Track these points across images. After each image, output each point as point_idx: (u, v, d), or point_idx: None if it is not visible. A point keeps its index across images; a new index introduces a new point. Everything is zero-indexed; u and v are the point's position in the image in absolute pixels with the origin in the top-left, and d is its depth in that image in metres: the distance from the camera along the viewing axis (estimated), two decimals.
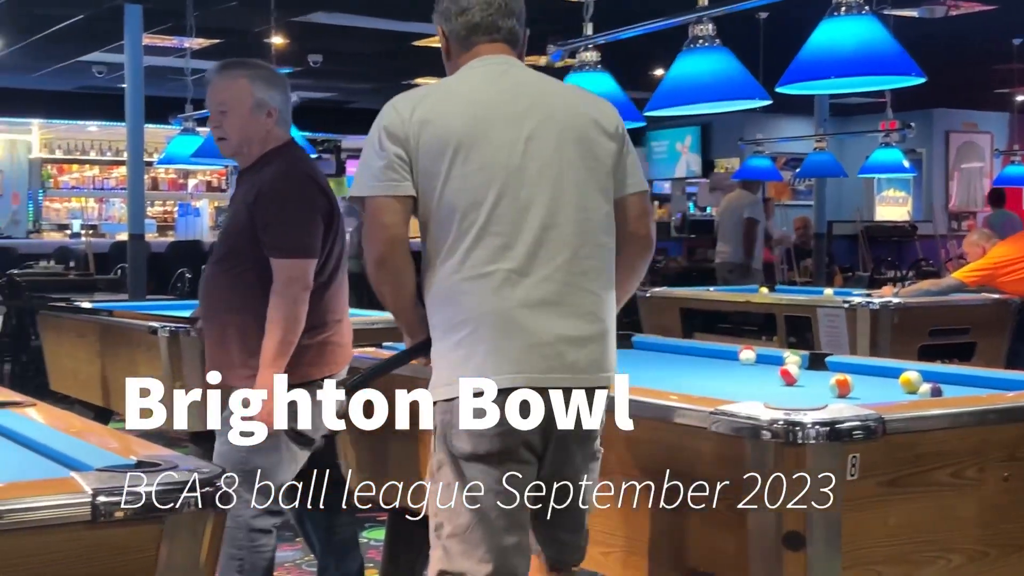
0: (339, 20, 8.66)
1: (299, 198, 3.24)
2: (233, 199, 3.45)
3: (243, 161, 3.38)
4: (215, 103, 3.33)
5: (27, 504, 1.73)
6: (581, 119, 2.55)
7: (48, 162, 14.70)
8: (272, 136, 3.33)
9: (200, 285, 3.53)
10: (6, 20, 8.47)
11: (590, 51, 4.32)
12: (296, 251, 3.18)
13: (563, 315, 2.44)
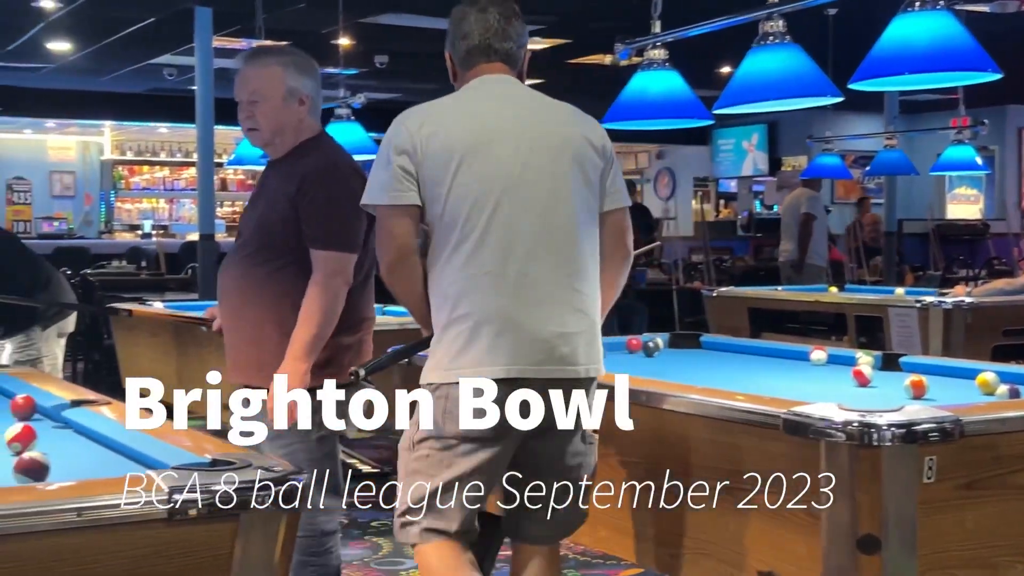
0: (405, 21, 8.70)
1: (346, 191, 3.09)
2: (262, 191, 3.28)
3: (274, 152, 3.26)
4: (246, 92, 3.20)
5: (105, 502, 1.75)
6: (574, 135, 2.80)
7: (119, 163, 14.95)
8: (305, 125, 3.23)
9: (223, 281, 3.28)
10: (79, 24, 8.62)
11: (658, 49, 4.29)
12: (341, 244, 3.08)
13: (555, 313, 2.66)
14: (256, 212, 3.24)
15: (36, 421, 2.55)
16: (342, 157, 3.24)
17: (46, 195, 14.59)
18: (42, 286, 4.92)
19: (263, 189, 3.29)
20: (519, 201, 2.66)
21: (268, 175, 3.28)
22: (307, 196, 3.08)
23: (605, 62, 10.42)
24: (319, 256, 3.06)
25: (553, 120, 2.80)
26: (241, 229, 3.29)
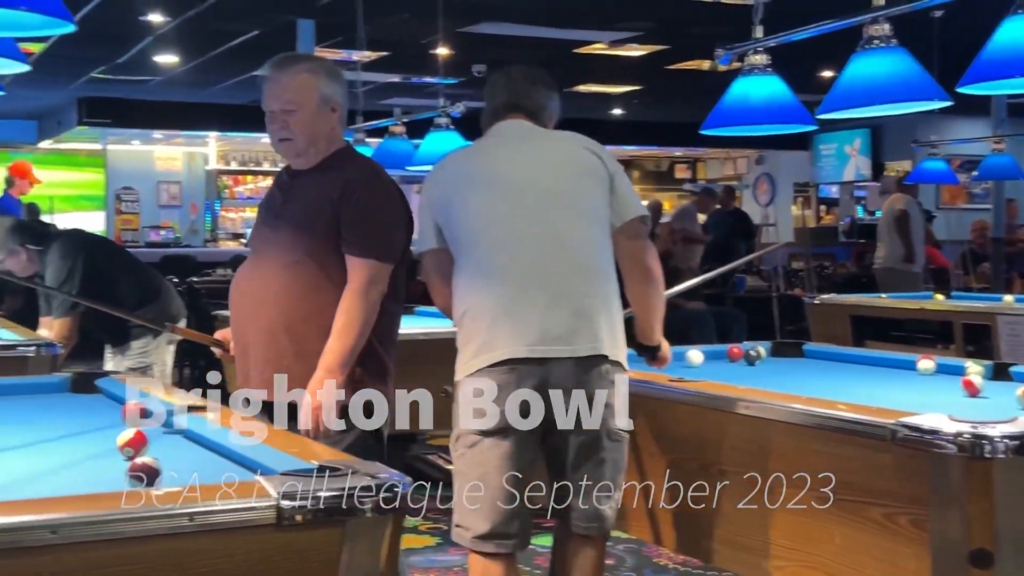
0: (503, 30, 8.74)
1: (390, 201, 3.10)
2: (291, 201, 3.14)
3: (306, 162, 3.15)
4: (281, 102, 3.09)
5: (216, 507, 1.78)
6: (577, 159, 3.10)
7: (224, 173, 15.27)
8: (336, 134, 3.17)
9: (254, 294, 3.12)
10: (185, 38, 8.83)
11: (759, 54, 4.24)
12: (382, 253, 3.03)
13: (553, 305, 2.94)
14: (292, 222, 3.11)
15: (147, 426, 2.60)
16: (383, 170, 3.19)
17: (153, 205, 14.96)
18: (152, 296, 5.04)
19: (292, 199, 3.15)
20: (521, 212, 3.01)
21: (294, 185, 3.17)
22: (351, 201, 3.03)
23: (703, 67, 10.35)
24: (357, 264, 3.00)
25: (559, 148, 3.15)
26: (266, 240, 3.17)
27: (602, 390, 2.97)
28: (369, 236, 3.01)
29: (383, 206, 3.07)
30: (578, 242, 3.02)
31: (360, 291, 2.98)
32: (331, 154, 3.15)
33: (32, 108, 12.96)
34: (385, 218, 3.06)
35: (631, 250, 3.09)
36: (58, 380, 3.41)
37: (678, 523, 3.35)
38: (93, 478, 2.15)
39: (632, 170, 18.10)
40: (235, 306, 3.21)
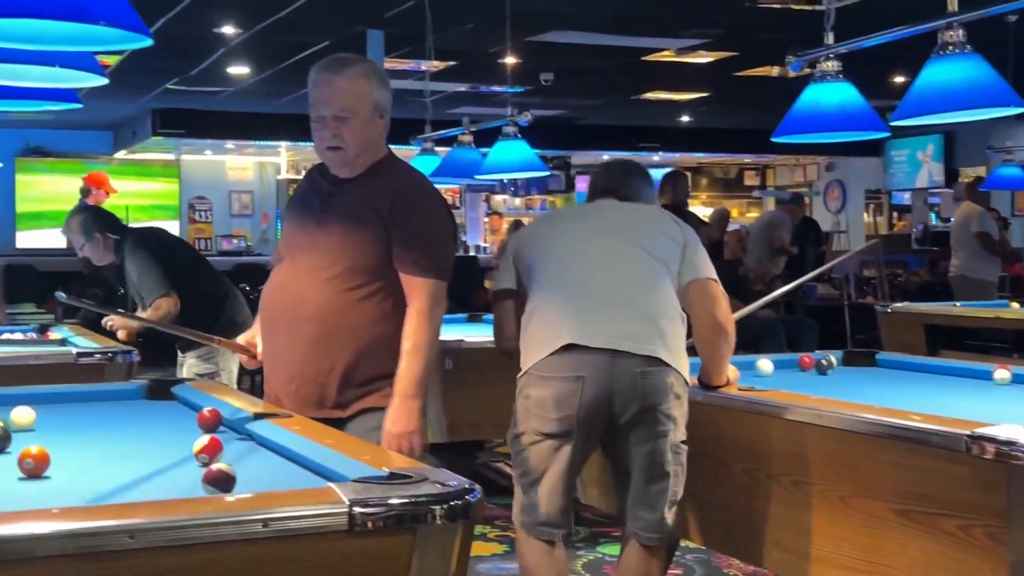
0: (571, 38, 8.74)
1: (442, 216, 3.03)
2: (331, 209, 3.02)
3: (351, 171, 3.03)
4: (335, 107, 2.94)
5: (289, 512, 1.79)
6: (655, 218, 3.40)
7: (294, 183, 15.40)
8: (382, 142, 3.05)
9: (290, 306, 3.01)
10: (257, 49, 8.94)
11: (831, 61, 4.20)
12: (441, 272, 2.95)
13: (619, 315, 3.17)
14: (334, 231, 2.99)
15: (221, 433, 2.63)
16: (426, 177, 3.15)
17: (226, 214, 15.16)
18: (220, 301, 5.11)
19: (334, 207, 3.02)
20: (595, 249, 3.31)
21: (335, 192, 3.04)
22: (404, 216, 2.93)
23: (772, 74, 10.26)
24: (419, 284, 2.92)
25: (637, 208, 3.46)
26: (302, 248, 3.04)
27: (666, 402, 3.10)
28: (429, 255, 2.93)
29: (437, 222, 3.00)
30: (646, 277, 3.25)
31: (425, 312, 2.92)
32: (376, 162, 3.03)
33: (108, 119, 13.21)
34: (441, 234, 3.00)
35: (702, 304, 3.28)
36: (134, 387, 3.47)
37: (747, 533, 3.32)
38: (169, 484, 2.19)
39: (700, 177, 18.00)
40: (268, 315, 3.10)
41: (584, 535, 5.03)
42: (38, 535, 1.66)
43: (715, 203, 16.34)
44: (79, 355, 4.25)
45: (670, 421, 3.14)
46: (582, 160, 16.36)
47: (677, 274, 3.28)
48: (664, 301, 3.23)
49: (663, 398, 3.12)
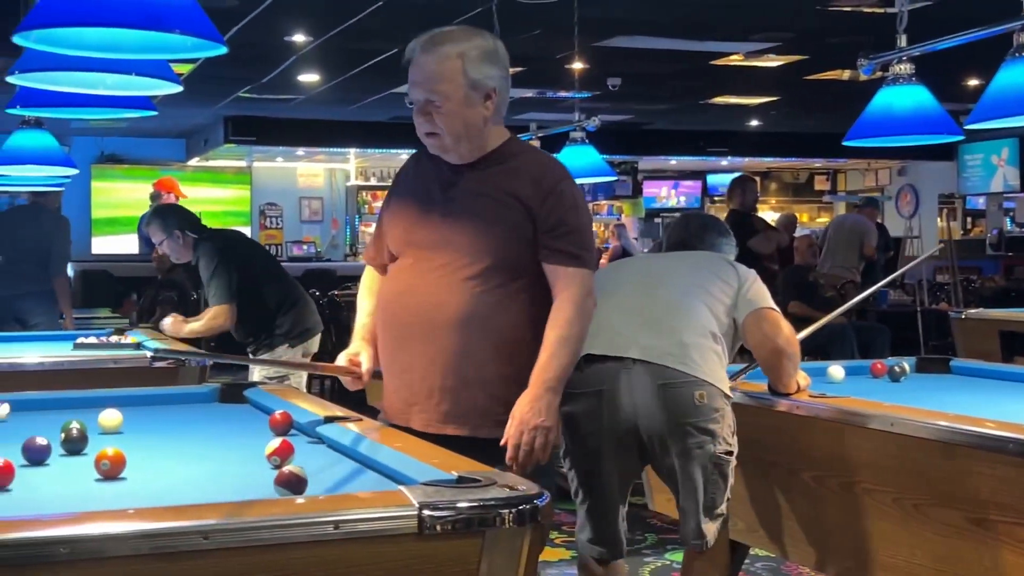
0: (638, 43, 8.71)
1: (585, 202, 2.79)
2: (463, 199, 2.71)
3: (458, 156, 2.73)
4: (424, 91, 2.66)
5: (360, 515, 1.81)
6: (713, 261, 3.46)
7: (363, 189, 15.55)
8: (494, 125, 2.73)
9: (417, 308, 2.70)
10: (327, 57, 9.03)
11: (904, 63, 4.15)
12: (592, 261, 2.72)
13: (651, 332, 3.22)
14: (468, 224, 2.68)
15: (292, 436, 2.67)
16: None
17: (296, 220, 15.31)
18: (290, 305, 5.17)
19: (462, 196, 2.71)
20: (632, 287, 3.40)
21: (459, 180, 2.73)
22: (550, 203, 2.65)
23: (843, 77, 10.14)
24: (573, 274, 2.65)
25: (693, 256, 3.52)
26: (428, 245, 2.72)
27: (695, 415, 3.14)
28: (579, 243, 2.67)
29: (583, 207, 2.74)
30: (682, 301, 3.30)
31: (578, 302, 2.64)
32: (500, 145, 2.74)
33: (181, 127, 13.42)
34: (588, 221, 2.76)
35: (761, 330, 3.30)
36: (207, 390, 3.52)
37: (817, 541, 3.29)
38: (242, 486, 2.21)
39: (769, 182, 17.84)
40: (395, 324, 2.76)
41: (652, 541, 5.01)
42: (114, 535, 1.69)
43: (784, 208, 16.19)
44: (154, 359, 4.31)
45: (705, 434, 3.15)
46: (649, 165, 16.30)
47: (732, 316, 3.32)
48: (694, 322, 3.25)
49: (691, 411, 3.13)
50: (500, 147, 2.74)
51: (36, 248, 7.41)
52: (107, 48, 2.61)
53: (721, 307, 3.31)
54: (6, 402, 3.05)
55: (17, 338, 5.71)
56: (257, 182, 15.05)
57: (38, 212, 7.75)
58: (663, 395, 3.14)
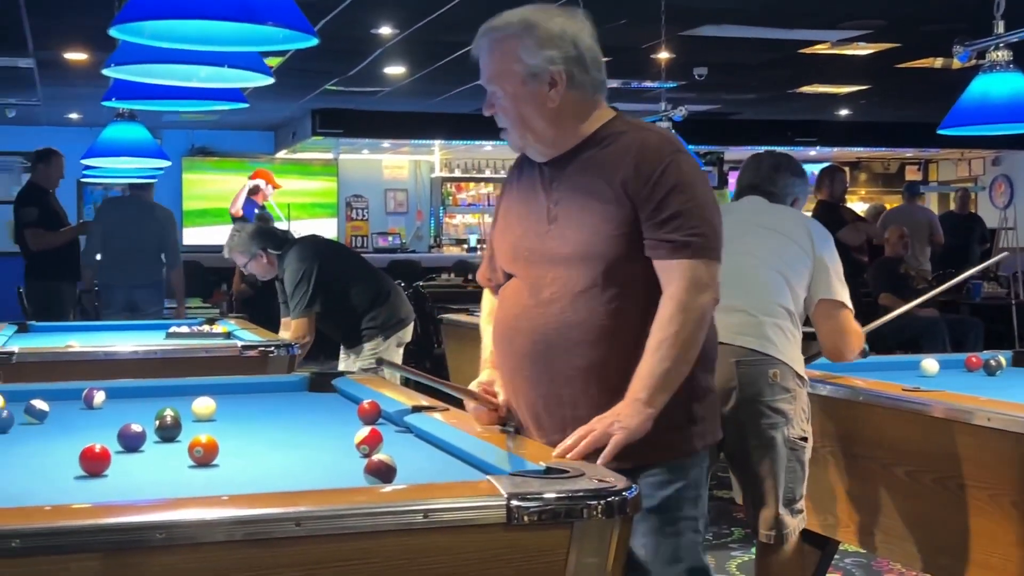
0: (725, 32, 8.61)
1: (705, 184, 2.34)
2: (568, 199, 2.36)
3: (540, 153, 2.41)
4: (484, 82, 2.39)
5: (448, 504, 1.82)
6: (789, 229, 3.34)
7: (447, 180, 15.62)
8: (573, 109, 2.35)
9: (535, 332, 2.36)
10: (413, 49, 9.07)
11: (1001, 50, 4.04)
12: (703, 248, 2.26)
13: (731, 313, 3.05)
14: (576, 228, 2.33)
15: (381, 425, 2.69)
16: (664, 131, 2.44)
17: (381, 212, 15.43)
18: (383, 299, 5.23)
19: (566, 197, 2.36)
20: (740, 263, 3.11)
21: (559, 177, 2.39)
22: (649, 184, 2.25)
23: (936, 65, 9.93)
24: (675, 266, 2.25)
25: (777, 217, 3.41)
26: (540, 258, 2.38)
27: (769, 394, 3.13)
28: (684, 227, 2.24)
29: (692, 183, 2.28)
30: (757, 275, 3.25)
31: (679, 298, 2.24)
32: (598, 128, 2.37)
33: (269, 120, 13.59)
34: (698, 200, 2.28)
35: (831, 328, 3.31)
36: (297, 379, 3.56)
37: (910, 537, 3.23)
38: (331, 474, 2.24)
39: (859, 172, 17.54)
40: (513, 353, 2.43)
41: (739, 536, 4.96)
42: (207, 521, 1.71)
43: (874, 199, 15.90)
44: (244, 348, 4.38)
45: (777, 415, 3.15)
46: (736, 156, 16.11)
47: (805, 285, 3.29)
48: (769, 298, 3.23)
49: (764, 390, 3.14)
50: (597, 131, 2.37)
51: (152, 240, 7.63)
52: (200, 41, 2.65)
53: (798, 282, 3.27)
54: (102, 390, 3.12)
55: (119, 327, 5.84)
56: (343, 174, 15.19)
57: (151, 206, 7.96)
58: (738, 372, 3.14)
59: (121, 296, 7.53)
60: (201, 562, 1.69)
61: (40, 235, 7.77)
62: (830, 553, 3.74)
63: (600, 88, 2.39)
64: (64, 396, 3.13)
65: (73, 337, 4.86)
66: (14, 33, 8.13)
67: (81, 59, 9.20)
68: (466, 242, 15.23)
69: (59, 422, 2.82)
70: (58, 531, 1.65)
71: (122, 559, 1.65)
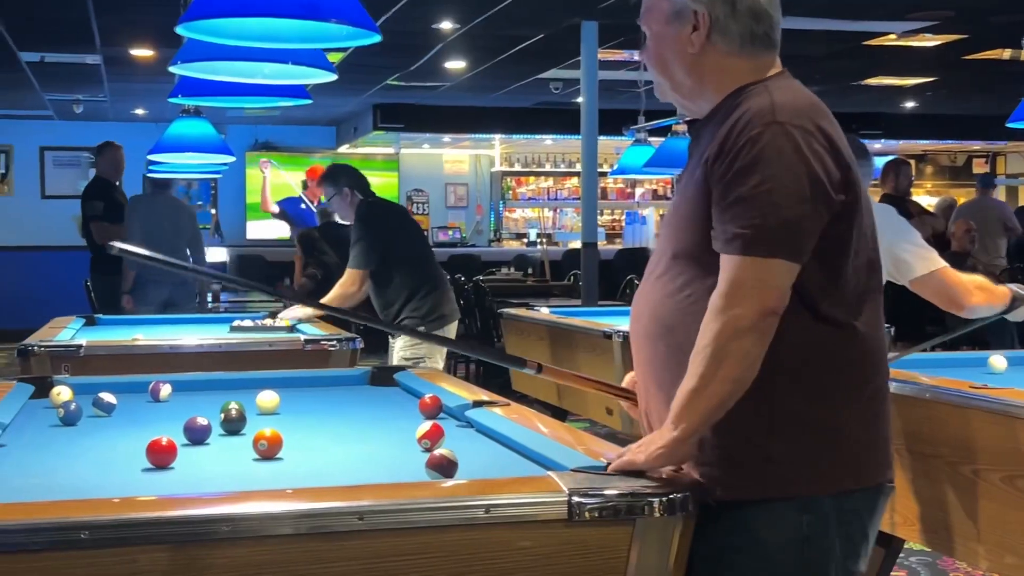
0: (789, 23, 8.49)
1: (799, 165, 1.87)
2: (685, 172, 2.09)
3: (680, 106, 2.17)
4: (640, 19, 2.14)
5: (510, 500, 1.81)
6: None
7: (507, 175, 15.64)
8: (714, 65, 2.03)
9: (636, 331, 2.15)
10: (473, 44, 9.09)
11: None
12: (766, 246, 1.86)
13: None
14: (674, 209, 2.11)
15: (442, 420, 2.69)
16: (788, 97, 1.97)
17: (442, 206, 15.49)
18: (430, 289, 5.25)
19: (686, 169, 2.09)
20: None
21: (691, 150, 2.11)
22: (722, 165, 1.91)
23: (1004, 57, 9.76)
24: (723, 263, 1.91)
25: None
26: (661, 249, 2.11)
27: None
28: (746, 216, 1.87)
29: (766, 161, 1.87)
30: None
31: (717, 304, 1.89)
32: (731, 93, 2.03)
33: (331, 115, 13.69)
34: (767, 183, 1.87)
35: (931, 296, 3.39)
36: (358, 373, 3.58)
37: (977, 536, 3.18)
38: (393, 468, 2.25)
39: (924, 165, 17.30)
40: (631, 339, 2.20)
41: None
42: (272, 514, 1.73)
43: (940, 192, 15.67)
44: (307, 342, 4.42)
45: None
46: None
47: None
48: None
49: None
50: (731, 94, 2.03)
51: (182, 236, 7.76)
52: (265, 38, 2.68)
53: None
54: (168, 383, 3.16)
55: (183, 320, 5.92)
56: (404, 169, 15.27)
57: (178, 203, 8.09)
58: None
59: (157, 293, 7.62)
60: (266, 555, 1.70)
61: (105, 228, 7.89)
62: (895, 551, 3.70)
63: (758, 43, 2.04)
64: (131, 389, 3.17)
65: (139, 330, 4.93)
66: (82, 30, 8.27)
67: (147, 55, 9.33)
68: (526, 236, 15.24)
69: (126, 415, 2.86)
70: (126, 523, 1.67)
71: (189, 551, 1.67)
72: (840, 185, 1.91)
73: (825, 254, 1.92)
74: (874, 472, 2.00)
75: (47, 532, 1.63)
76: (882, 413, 2.02)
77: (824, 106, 2.03)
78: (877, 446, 2.00)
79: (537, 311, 6.62)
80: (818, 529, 1.94)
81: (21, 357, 4.12)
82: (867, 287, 2.00)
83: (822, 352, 1.94)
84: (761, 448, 1.94)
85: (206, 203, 14.53)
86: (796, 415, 1.93)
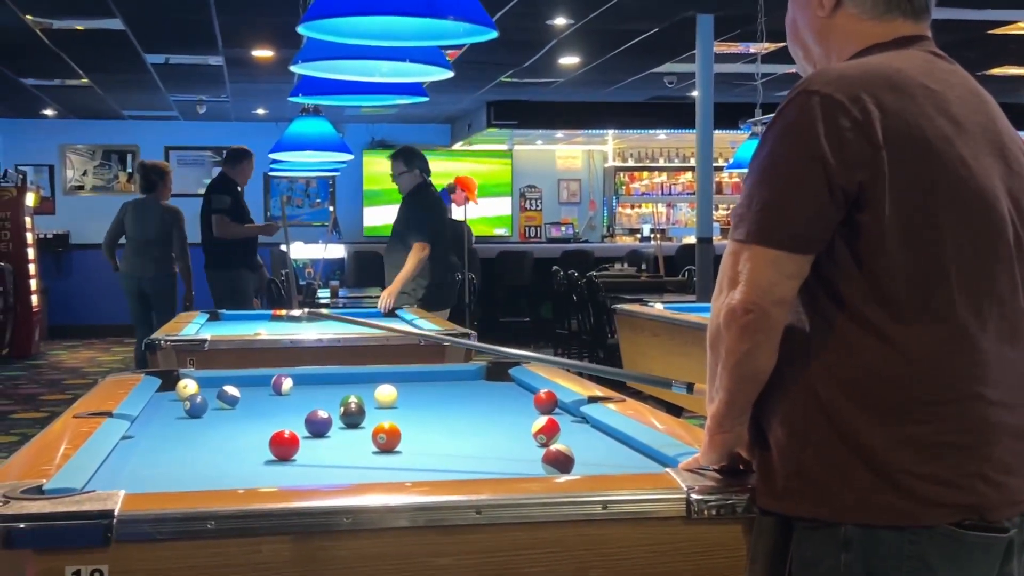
0: None
1: (792, 129, 1.67)
2: None
3: None
4: None
5: (628, 496, 1.81)
6: None
7: (620, 170, 15.57)
8: (843, 32, 1.82)
9: None
10: (587, 39, 9.07)
11: None
12: (744, 229, 1.68)
13: None
14: None
15: (557, 415, 2.69)
16: (859, 64, 1.73)
17: (554, 202, 15.50)
18: (439, 279, 6.36)
19: None
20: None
21: None
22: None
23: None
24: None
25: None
26: None
27: None
28: (742, 203, 1.71)
29: (771, 142, 1.68)
30: None
31: (713, 295, 1.77)
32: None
33: (446, 112, 13.79)
34: (772, 161, 1.68)
35: None
36: (474, 368, 3.60)
37: None
38: (510, 462, 2.25)
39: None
40: None
41: None
42: (392, 507, 1.75)
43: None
44: (423, 337, 4.46)
45: None
46: None
47: None
48: None
49: None
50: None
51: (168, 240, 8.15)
52: (384, 36, 2.71)
53: None
54: (289, 377, 3.22)
55: (252, 316, 6.02)
56: (517, 164, 15.31)
57: (167, 208, 8.30)
58: None
59: (131, 283, 8.10)
60: (385, 546, 1.72)
61: (227, 223, 8.02)
62: None
63: (894, 7, 1.80)
64: (254, 382, 3.25)
65: (260, 326, 5.03)
66: (205, 32, 8.48)
67: (267, 56, 9.52)
68: (639, 232, 15.16)
69: (249, 408, 2.93)
70: (250, 514, 1.71)
71: (311, 542, 1.70)
72: (858, 166, 1.61)
73: (854, 247, 1.65)
74: (934, 512, 1.62)
75: (174, 522, 1.67)
76: (955, 443, 1.63)
77: (905, 78, 1.69)
78: (939, 479, 1.62)
79: (651, 307, 6.59)
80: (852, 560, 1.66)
81: (149, 351, 4.24)
82: (934, 293, 1.64)
83: (854, 361, 1.65)
84: (797, 462, 1.70)
85: (324, 200, 14.77)
86: (830, 427, 1.66)
